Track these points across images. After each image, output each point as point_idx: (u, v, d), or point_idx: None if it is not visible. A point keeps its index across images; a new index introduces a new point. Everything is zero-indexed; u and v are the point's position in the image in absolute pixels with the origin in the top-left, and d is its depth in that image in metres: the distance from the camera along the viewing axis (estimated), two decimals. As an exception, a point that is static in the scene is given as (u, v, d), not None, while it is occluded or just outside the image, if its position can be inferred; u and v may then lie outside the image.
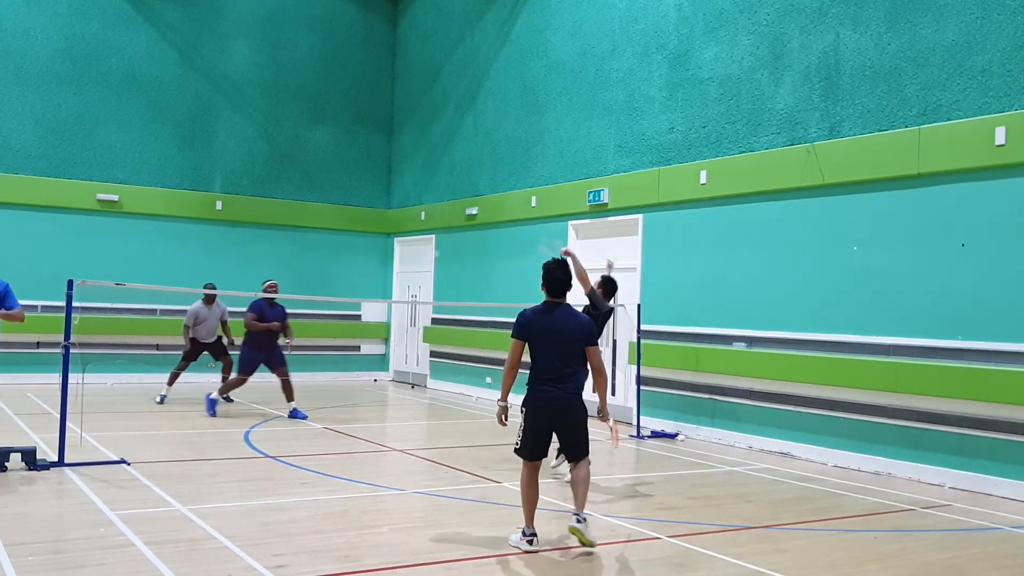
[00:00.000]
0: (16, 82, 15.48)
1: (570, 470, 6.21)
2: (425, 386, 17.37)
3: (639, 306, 11.98)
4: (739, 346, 10.86)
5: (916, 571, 5.73)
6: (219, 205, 17.06)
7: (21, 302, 8.20)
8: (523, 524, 6.04)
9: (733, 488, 8.29)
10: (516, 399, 6.15)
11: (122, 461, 8.39)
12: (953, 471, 8.65)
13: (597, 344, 6.28)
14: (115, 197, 16.07)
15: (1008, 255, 8.36)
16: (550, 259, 6.35)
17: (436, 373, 17.22)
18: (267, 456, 9.15)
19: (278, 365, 12.32)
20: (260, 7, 17.68)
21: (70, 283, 8.34)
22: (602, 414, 6.38)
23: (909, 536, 6.68)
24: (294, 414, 12.06)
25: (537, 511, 6.17)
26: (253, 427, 11.15)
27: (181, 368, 13.28)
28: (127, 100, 16.37)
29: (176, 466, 8.61)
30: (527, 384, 6.11)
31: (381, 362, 18.83)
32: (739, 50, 11.20)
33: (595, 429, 6.74)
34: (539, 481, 6.12)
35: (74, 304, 8.34)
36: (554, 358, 6.01)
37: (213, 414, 12.01)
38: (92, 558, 5.38)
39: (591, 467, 6.41)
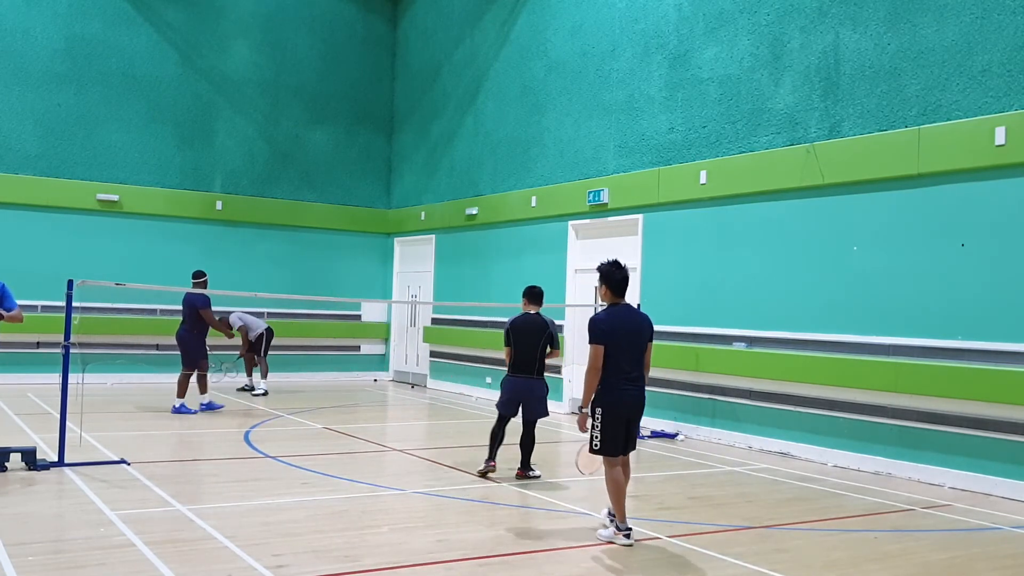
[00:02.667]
0: (16, 82, 15.47)
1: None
2: (425, 386, 17.37)
3: (639, 306, 11.98)
4: (739, 346, 10.86)
5: (916, 571, 5.73)
6: (219, 205, 17.06)
7: (21, 302, 8.20)
8: (616, 520, 6.15)
9: (733, 488, 8.28)
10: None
11: (122, 461, 8.39)
12: (953, 471, 8.65)
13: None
14: (115, 197, 16.07)
15: (1008, 255, 8.36)
16: (603, 261, 6.49)
17: (436, 373, 17.22)
18: (267, 456, 9.15)
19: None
20: (260, 7, 17.68)
21: (70, 283, 8.34)
22: None
23: (909, 536, 6.68)
24: (209, 406, 12.51)
25: (535, 510, 6.18)
26: (253, 427, 11.15)
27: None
28: (127, 100, 16.37)
29: (176, 466, 8.61)
30: (602, 385, 6.18)
31: (381, 362, 18.83)
32: (739, 50, 11.20)
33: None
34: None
35: (74, 304, 8.34)
36: (630, 357, 6.22)
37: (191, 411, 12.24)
38: (92, 558, 5.38)
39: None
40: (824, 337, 9.92)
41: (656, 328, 11.73)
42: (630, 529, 6.12)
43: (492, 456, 8.35)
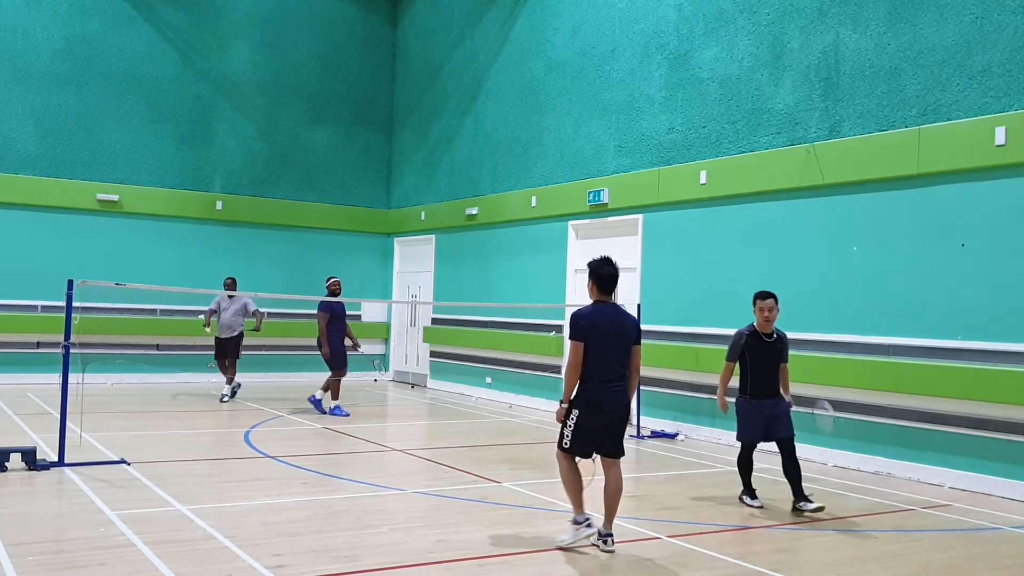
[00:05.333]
0: (16, 82, 15.47)
1: (604, 469, 6.12)
2: (425, 386, 17.37)
3: (639, 306, 11.98)
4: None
5: (916, 571, 5.73)
6: (219, 205, 17.06)
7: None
8: (572, 515, 6.09)
9: (733, 488, 8.27)
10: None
11: (122, 461, 8.39)
12: (953, 471, 8.65)
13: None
14: (115, 197, 16.07)
15: (1008, 255, 8.36)
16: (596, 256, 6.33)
17: (436, 373, 17.22)
18: (267, 456, 9.15)
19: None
20: (260, 7, 17.68)
21: (70, 283, 8.34)
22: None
23: (909, 536, 6.68)
24: (317, 402, 12.86)
25: (535, 511, 6.18)
26: (253, 427, 11.15)
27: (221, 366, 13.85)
28: (127, 100, 16.37)
29: (176, 466, 8.60)
30: (581, 384, 5.99)
31: (381, 362, 18.82)
32: (739, 50, 11.20)
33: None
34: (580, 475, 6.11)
35: (74, 304, 8.33)
36: (612, 357, 5.99)
37: (323, 411, 12.63)
38: (92, 558, 5.38)
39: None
40: (824, 337, 9.92)
41: (656, 328, 11.95)
42: (588, 517, 6.02)
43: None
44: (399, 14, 19.11)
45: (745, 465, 7.61)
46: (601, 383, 5.95)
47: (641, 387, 11.82)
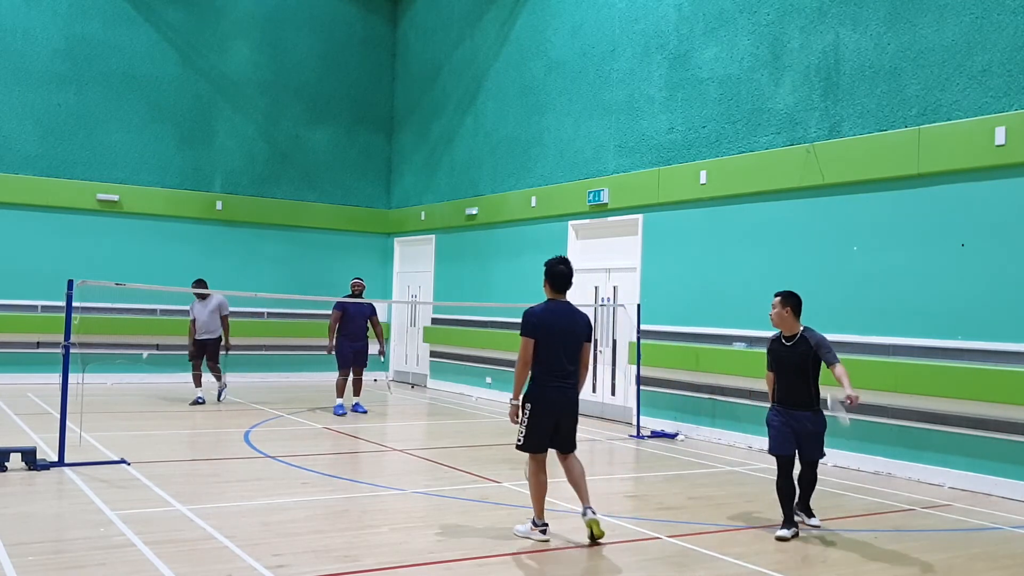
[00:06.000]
0: (16, 82, 15.47)
1: (561, 462, 6.29)
2: (425, 386, 17.37)
3: (639, 306, 11.98)
4: (739, 346, 10.86)
5: (916, 571, 5.73)
6: (219, 205, 17.06)
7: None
8: (532, 515, 6.17)
9: (733, 488, 8.28)
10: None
11: (122, 461, 8.39)
12: (953, 471, 8.65)
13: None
14: (115, 197, 16.07)
15: (1008, 255, 8.36)
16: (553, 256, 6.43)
17: (436, 373, 17.22)
18: (267, 456, 9.15)
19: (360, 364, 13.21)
20: (260, 7, 17.68)
21: (70, 283, 8.34)
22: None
23: (909, 536, 6.68)
24: (356, 408, 13.06)
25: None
26: (253, 427, 11.15)
27: (195, 367, 13.36)
28: (127, 100, 16.37)
29: (176, 466, 8.61)
30: (532, 380, 6.15)
31: (381, 362, 18.80)
32: (739, 50, 11.20)
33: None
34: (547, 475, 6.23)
35: (74, 304, 8.33)
36: (562, 355, 6.11)
37: (343, 413, 12.78)
38: (92, 558, 5.38)
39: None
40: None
41: (656, 328, 11.96)
42: (546, 525, 6.13)
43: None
44: (399, 14, 19.11)
45: (783, 490, 6.56)
46: (551, 380, 6.10)
47: (641, 387, 11.83)
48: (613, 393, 13.07)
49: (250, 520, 6.45)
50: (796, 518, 6.66)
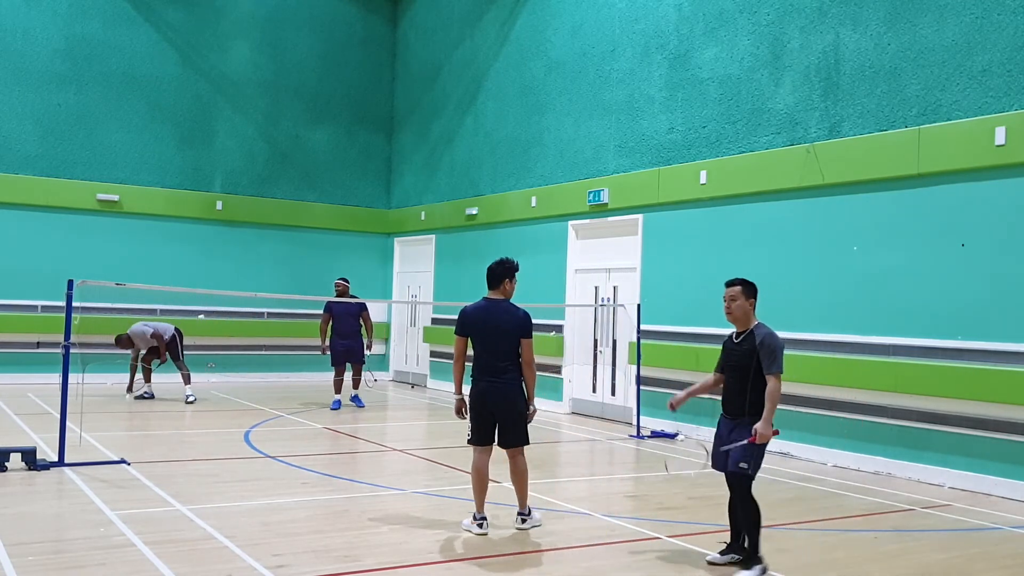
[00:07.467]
0: (16, 82, 15.48)
1: (508, 458, 6.45)
2: (425, 386, 17.37)
3: (639, 306, 11.98)
4: (739, 346, 10.84)
5: (916, 571, 5.73)
6: (219, 205, 17.06)
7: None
8: (474, 510, 6.36)
9: (733, 488, 8.28)
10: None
11: (122, 461, 8.39)
12: (953, 471, 8.65)
13: (531, 337, 6.41)
14: (115, 197, 16.07)
15: (1008, 255, 8.36)
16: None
17: (436, 373, 17.22)
18: (267, 456, 9.15)
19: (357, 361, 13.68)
20: (260, 7, 17.68)
21: (70, 283, 8.34)
22: (530, 408, 6.46)
23: (909, 536, 6.68)
24: (353, 399, 13.63)
25: (535, 510, 6.17)
26: (253, 427, 11.15)
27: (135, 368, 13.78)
28: (127, 100, 16.37)
29: (176, 466, 8.61)
30: (471, 376, 6.41)
31: (381, 362, 18.82)
32: (739, 50, 11.20)
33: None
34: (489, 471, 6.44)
35: (74, 304, 8.33)
36: (492, 352, 6.31)
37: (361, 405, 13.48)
38: (92, 558, 5.38)
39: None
40: (824, 337, 9.91)
41: (656, 328, 11.95)
42: (484, 519, 6.27)
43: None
44: (399, 14, 19.11)
45: (731, 506, 5.75)
46: (482, 376, 6.34)
47: (641, 387, 11.83)
48: (613, 393, 13.07)
49: (250, 520, 6.45)
50: (721, 552, 5.71)
